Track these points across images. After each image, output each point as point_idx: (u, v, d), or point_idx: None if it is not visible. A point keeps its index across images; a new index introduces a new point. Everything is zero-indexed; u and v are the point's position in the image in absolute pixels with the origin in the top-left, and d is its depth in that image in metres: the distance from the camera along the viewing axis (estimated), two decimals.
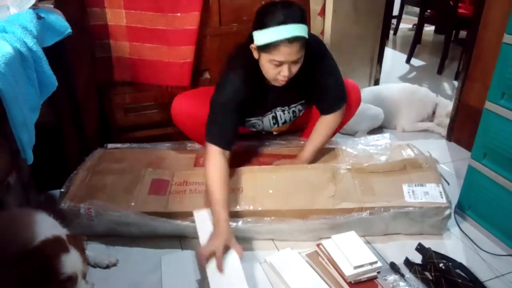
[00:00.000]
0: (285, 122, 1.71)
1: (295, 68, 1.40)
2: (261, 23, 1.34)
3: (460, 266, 1.32)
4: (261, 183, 1.51)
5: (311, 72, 1.51)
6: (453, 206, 1.60)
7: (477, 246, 1.47)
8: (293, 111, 1.68)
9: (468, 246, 1.48)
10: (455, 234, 1.54)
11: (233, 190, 1.49)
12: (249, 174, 1.55)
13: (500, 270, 1.37)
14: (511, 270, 1.36)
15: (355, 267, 1.26)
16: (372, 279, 1.28)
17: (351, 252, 1.30)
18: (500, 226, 1.47)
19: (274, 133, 1.83)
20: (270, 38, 1.32)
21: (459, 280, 1.24)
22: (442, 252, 1.39)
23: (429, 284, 1.29)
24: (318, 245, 1.39)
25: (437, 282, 1.27)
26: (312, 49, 1.48)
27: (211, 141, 1.44)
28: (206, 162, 1.44)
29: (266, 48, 1.35)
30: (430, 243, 1.40)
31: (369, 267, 1.27)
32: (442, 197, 1.45)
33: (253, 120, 1.66)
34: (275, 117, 1.67)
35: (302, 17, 1.34)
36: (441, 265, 1.28)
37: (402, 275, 1.32)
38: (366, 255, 1.30)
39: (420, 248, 1.38)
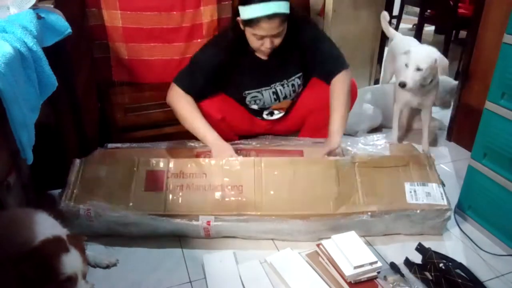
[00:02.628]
0: (285, 97, 1.75)
1: (277, 41, 1.53)
2: None
3: (460, 266, 1.32)
4: (262, 181, 1.48)
5: (298, 40, 1.61)
6: (453, 206, 1.60)
7: (477, 246, 1.47)
8: (292, 85, 1.73)
9: (468, 246, 1.48)
10: (455, 234, 1.54)
11: (232, 188, 1.47)
12: (250, 170, 1.50)
13: (500, 270, 1.37)
14: (511, 270, 1.36)
15: (355, 267, 1.26)
16: (372, 279, 1.28)
17: (351, 252, 1.30)
18: (500, 226, 1.47)
19: (276, 112, 1.83)
20: (252, 14, 1.46)
21: (459, 280, 1.24)
22: (442, 252, 1.39)
23: (429, 284, 1.29)
24: (318, 245, 1.39)
25: (437, 282, 1.27)
26: (300, 22, 1.60)
27: (178, 83, 1.60)
28: (173, 100, 1.61)
29: (248, 23, 1.49)
30: (430, 243, 1.40)
31: (369, 267, 1.27)
32: (443, 199, 1.45)
33: (253, 92, 1.71)
34: (275, 92, 1.72)
35: None
36: (441, 265, 1.28)
37: (402, 275, 1.32)
38: (366, 255, 1.30)
39: (420, 248, 1.37)
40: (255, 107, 1.76)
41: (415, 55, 1.82)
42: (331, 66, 1.64)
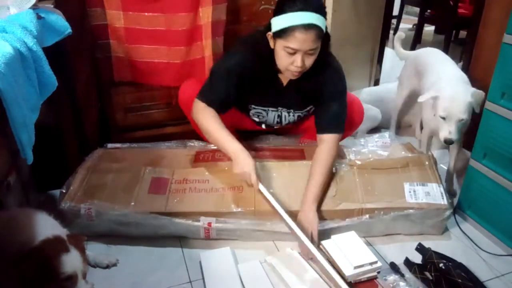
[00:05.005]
0: (288, 123, 1.72)
1: (308, 60, 1.38)
2: (280, 9, 1.36)
3: (460, 266, 1.32)
4: (262, 181, 1.49)
5: (322, 85, 1.51)
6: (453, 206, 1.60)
7: (477, 246, 1.47)
8: (299, 116, 1.68)
9: (468, 246, 1.48)
10: (455, 234, 1.54)
11: (233, 188, 1.49)
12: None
13: (500, 270, 1.37)
14: (511, 270, 1.37)
15: (355, 267, 1.26)
16: (372, 279, 1.28)
17: (351, 252, 1.30)
18: (500, 226, 1.47)
19: (275, 126, 1.83)
20: (286, 23, 1.33)
21: (459, 280, 1.24)
22: (442, 252, 1.39)
23: (429, 284, 1.29)
24: (318, 245, 1.39)
25: (437, 282, 1.27)
26: (332, 65, 1.50)
27: (202, 99, 1.50)
28: (198, 116, 1.50)
29: (281, 33, 1.35)
30: (430, 243, 1.40)
31: (369, 267, 1.27)
32: (443, 198, 1.45)
33: (258, 108, 1.66)
34: (280, 116, 1.68)
35: (321, 9, 1.36)
36: (441, 265, 1.28)
37: (402, 275, 1.32)
38: (366, 255, 1.30)
39: (420, 248, 1.38)
40: (256, 119, 1.74)
41: (452, 106, 1.51)
42: (324, 125, 1.54)
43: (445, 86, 1.57)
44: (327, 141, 1.52)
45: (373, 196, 1.47)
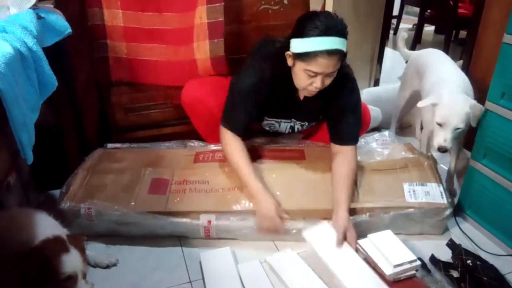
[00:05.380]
0: (299, 131, 1.74)
1: (328, 81, 1.37)
2: (302, 31, 1.31)
3: (491, 268, 1.32)
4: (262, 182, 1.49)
5: (337, 96, 1.49)
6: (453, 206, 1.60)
7: (477, 246, 1.47)
8: (311, 125, 1.70)
9: (468, 246, 1.48)
10: (455, 234, 1.53)
11: (234, 189, 1.49)
12: None
13: (500, 270, 1.36)
14: (511, 270, 1.36)
15: (395, 266, 1.25)
16: (411, 277, 1.27)
17: (390, 250, 1.29)
18: (500, 226, 1.47)
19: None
20: (310, 48, 1.29)
21: (485, 278, 1.24)
22: (442, 252, 1.39)
23: (453, 281, 1.29)
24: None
25: (462, 278, 1.28)
26: (347, 76, 1.49)
27: (227, 126, 1.51)
28: (224, 145, 1.51)
29: (303, 56, 1.32)
30: (430, 243, 1.40)
31: (409, 265, 1.26)
32: (442, 197, 1.45)
33: (272, 120, 1.67)
34: (292, 127, 1.69)
35: (344, 32, 1.32)
36: (468, 261, 1.29)
37: (429, 271, 1.32)
38: (405, 253, 1.29)
39: (451, 244, 1.40)
40: (267, 128, 1.74)
41: (448, 112, 1.49)
42: (348, 134, 1.53)
43: (444, 93, 1.55)
44: (345, 152, 1.50)
45: (373, 196, 1.47)
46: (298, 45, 1.33)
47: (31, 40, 1.05)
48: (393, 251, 1.29)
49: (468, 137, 1.66)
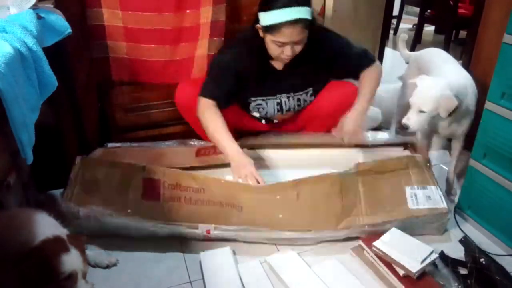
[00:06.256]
0: (289, 109, 1.73)
1: (298, 48, 1.48)
2: (266, 5, 1.42)
3: (502, 268, 1.32)
4: (265, 204, 1.46)
5: (326, 51, 1.57)
6: (453, 206, 1.60)
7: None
8: (298, 99, 1.70)
9: None
10: (455, 234, 1.53)
11: (233, 206, 1.44)
12: (251, 194, 1.47)
13: None
14: (511, 270, 1.36)
15: (422, 262, 1.26)
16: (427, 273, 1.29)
17: (407, 248, 1.30)
18: (501, 226, 1.47)
19: (275, 121, 1.83)
20: (273, 20, 1.40)
21: (497, 277, 1.25)
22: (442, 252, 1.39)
23: (459, 277, 1.29)
24: (362, 240, 1.40)
25: (470, 275, 1.28)
26: (325, 34, 1.57)
27: (205, 95, 1.55)
28: (200, 113, 1.55)
29: (269, 29, 1.43)
30: (430, 243, 1.40)
31: (429, 259, 1.28)
32: (442, 201, 1.45)
33: (258, 100, 1.68)
34: (279, 104, 1.70)
35: (305, 0, 1.41)
36: (481, 259, 1.31)
37: (436, 267, 1.33)
38: (423, 247, 1.30)
39: (464, 241, 1.41)
40: (256, 115, 1.75)
41: (418, 93, 1.52)
42: (361, 61, 1.64)
43: (428, 79, 1.58)
44: (368, 70, 1.63)
45: (376, 208, 1.45)
46: (264, 18, 1.44)
47: (31, 40, 1.05)
48: (411, 247, 1.30)
49: (468, 137, 1.66)
